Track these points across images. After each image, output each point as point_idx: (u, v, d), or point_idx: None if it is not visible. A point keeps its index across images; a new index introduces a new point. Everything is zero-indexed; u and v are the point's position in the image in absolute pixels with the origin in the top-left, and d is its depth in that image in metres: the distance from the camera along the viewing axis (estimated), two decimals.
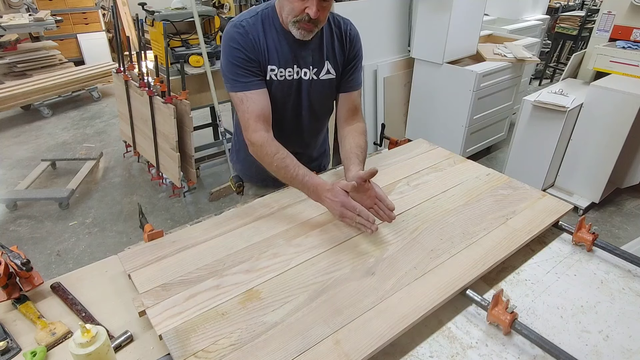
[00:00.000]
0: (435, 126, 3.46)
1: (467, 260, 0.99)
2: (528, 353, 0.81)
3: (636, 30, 2.79)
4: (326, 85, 1.33)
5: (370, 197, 1.13)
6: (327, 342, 0.79)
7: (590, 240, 1.06)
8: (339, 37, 1.30)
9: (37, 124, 4.46)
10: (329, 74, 1.31)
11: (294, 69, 1.26)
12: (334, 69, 1.31)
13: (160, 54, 3.05)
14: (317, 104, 1.35)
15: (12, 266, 0.91)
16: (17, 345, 0.83)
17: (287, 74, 1.26)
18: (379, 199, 1.12)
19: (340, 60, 1.32)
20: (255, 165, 1.28)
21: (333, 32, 1.30)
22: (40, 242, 2.72)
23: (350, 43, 1.32)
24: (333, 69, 1.31)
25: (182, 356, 0.76)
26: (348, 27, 1.33)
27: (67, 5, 5.73)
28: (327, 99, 1.38)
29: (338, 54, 1.31)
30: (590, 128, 2.77)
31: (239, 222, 1.14)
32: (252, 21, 1.22)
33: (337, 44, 1.30)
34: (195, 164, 3.06)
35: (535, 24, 4.48)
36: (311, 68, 1.28)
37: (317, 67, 1.29)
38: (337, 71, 1.32)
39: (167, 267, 0.97)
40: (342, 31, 1.31)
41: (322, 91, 1.33)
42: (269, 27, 1.22)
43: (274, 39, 1.23)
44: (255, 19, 1.22)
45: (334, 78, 1.33)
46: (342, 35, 1.31)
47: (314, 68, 1.28)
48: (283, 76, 1.26)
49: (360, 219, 1.05)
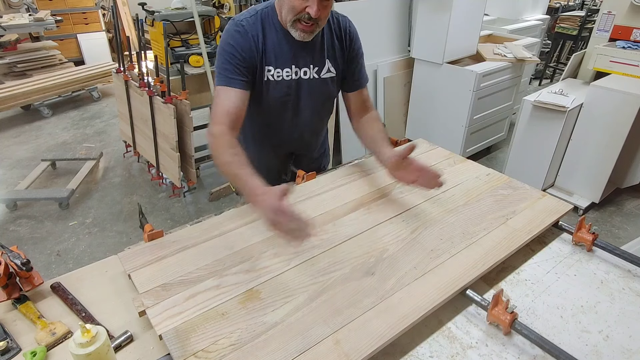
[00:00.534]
0: (435, 126, 3.46)
1: (467, 260, 0.99)
2: (528, 353, 0.81)
3: (636, 30, 2.79)
4: (327, 84, 1.33)
5: (413, 170, 1.14)
6: (327, 342, 0.79)
7: (590, 240, 1.06)
8: (338, 35, 1.31)
9: (37, 124, 4.46)
10: (330, 72, 1.31)
11: (292, 69, 1.26)
12: (334, 67, 1.31)
13: (160, 54, 3.05)
14: (318, 103, 1.35)
15: (12, 266, 0.91)
16: (17, 345, 0.83)
17: (285, 74, 1.26)
18: (423, 169, 1.13)
19: (340, 59, 1.32)
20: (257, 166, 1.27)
21: (332, 31, 1.30)
22: (40, 242, 2.72)
23: (351, 40, 1.32)
24: (333, 67, 1.31)
25: (182, 356, 0.76)
26: (347, 24, 1.33)
27: (67, 5, 5.73)
28: (328, 98, 1.39)
29: (338, 52, 1.31)
30: (590, 128, 2.77)
31: (239, 222, 1.14)
32: (252, 20, 1.22)
33: (337, 42, 1.30)
34: (195, 164, 3.06)
35: (535, 24, 4.48)
36: (312, 67, 1.28)
37: (318, 66, 1.29)
38: (337, 69, 1.32)
39: (167, 267, 0.97)
40: (341, 29, 1.31)
41: (324, 90, 1.33)
42: (268, 26, 1.22)
43: (273, 39, 1.23)
44: (255, 18, 1.22)
45: (335, 76, 1.33)
46: (341, 33, 1.31)
47: (314, 67, 1.28)
48: (280, 76, 1.26)
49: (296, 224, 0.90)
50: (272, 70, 1.24)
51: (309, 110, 1.35)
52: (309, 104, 1.33)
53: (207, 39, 3.25)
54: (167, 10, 3.20)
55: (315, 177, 1.36)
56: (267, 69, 1.24)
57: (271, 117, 1.34)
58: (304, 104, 1.33)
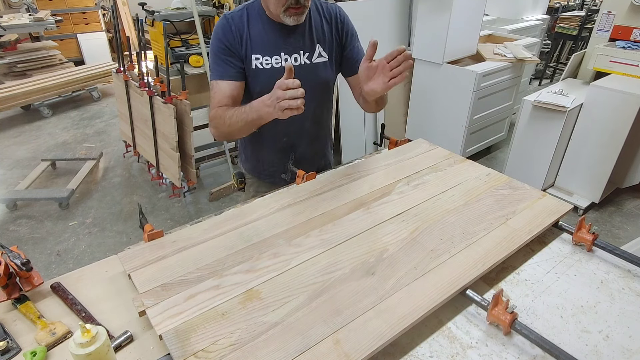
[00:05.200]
0: (435, 126, 3.47)
1: (467, 260, 0.99)
2: (528, 353, 0.81)
3: (636, 30, 2.79)
4: (320, 69, 1.34)
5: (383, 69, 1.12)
6: (327, 342, 0.79)
7: (590, 240, 1.06)
8: (328, 19, 1.34)
9: (37, 124, 4.46)
10: (322, 57, 1.33)
11: (282, 56, 1.29)
12: (326, 52, 1.34)
13: (160, 54, 3.05)
14: (312, 89, 1.35)
15: (12, 266, 0.91)
16: (17, 345, 0.83)
17: (274, 61, 1.29)
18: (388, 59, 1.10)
19: (333, 43, 1.35)
20: (262, 160, 1.33)
21: (321, 16, 1.34)
22: (40, 242, 2.73)
23: (342, 23, 1.36)
24: (325, 52, 1.34)
25: (182, 356, 0.76)
26: (336, 9, 1.37)
27: (67, 5, 5.74)
28: (322, 83, 1.39)
29: (328, 36, 1.34)
30: (590, 128, 2.77)
31: (239, 222, 1.14)
32: (239, 14, 1.29)
33: (328, 28, 1.34)
34: (195, 164, 3.06)
35: (535, 24, 4.48)
36: (302, 53, 1.31)
37: (308, 52, 1.31)
38: (330, 54, 1.35)
39: (167, 267, 0.97)
40: (330, 14, 1.35)
41: (317, 75, 1.35)
42: (253, 17, 1.28)
43: (258, 29, 1.28)
44: (242, 12, 1.29)
45: (327, 61, 1.35)
46: (332, 19, 1.35)
47: (305, 52, 1.31)
48: (269, 64, 1.29)
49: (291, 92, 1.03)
50: (260, 58, 1.28)
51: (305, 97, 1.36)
52: (305, 90, 1.34)
53: (207, 39, 3.25)
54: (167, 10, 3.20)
55: (315, 177, 1.36)
56: (254, 57, 1.28)
57: None
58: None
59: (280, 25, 1.27)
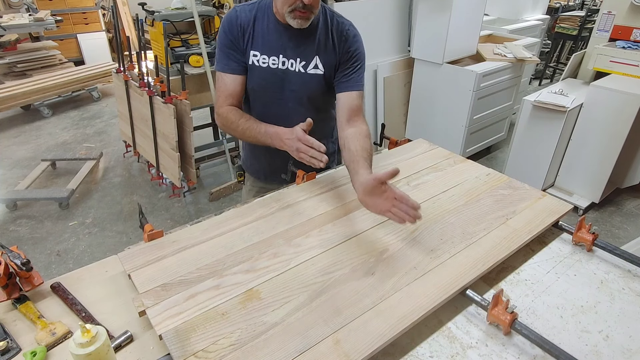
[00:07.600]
0: (435, 126, 3.47)
1: (467, 260, 0.99)
2: (528, 353, 0.81)
3: (636, 30, 2.79)
4: (314, 80, 1.32)
5: (388, 198, 1.00)
6: (327, 342, 0.79)
7: (590, 240, 1.06)
8: (334, 35, 1.31)
9: (37, 124, 4.46)
10: (317, 69, 1.31)
11: (280, 58, 1.29)
12: (323, 65, 1.31)
13: (160, 54, 3.05)
14: (306, 98, 1.35)
15: (12, 266, 0.91)
16: (17, 345, 0.83)
17: (271, 62, 1.30)
18: (400, 199, 0.99)
19: (332, 59, 1.32)
20: (262, 160, 1.36)
21: (329, 30, 1.31)
22: (40, 242, 2.72)
23: (346, 42, 1.32)
24: (322, 65, 1.31)
25: (182, 356, 0.76)
26: (347, 27, 1.33)
27: (67, 5, 5.73)
28: (312, 94, 1.36)
29: (330, 51, 1.31)
30: (590, 128, 2.77)
31: (239, 222, 1.14)
32: (249, 8, 1.30)
33: (331, 43, 1.31)
34: (195, 164, 3.06)
35: (535, 24, 4.48)
36: (298, 60, 1.30)
37: (305, 60, 1.30)
38: (327, 68, 1.32)
39: (167, 267, 0.97)
40: (339, 31, 1.32)
41: (311, 86, 1.33)
42: (262, 14, 1.29)
43: (263, 26, 1.28)
44: (252, 7, 1.30)
45: (322, 74, 1.32)
46: (338, 35, 1.32)
47: (301, 61, 1.30)
48: (266, 63, 1.30)
49: (313, 152, 1.11)
50: (257, 56, 1.30)
51: (297, 103, 1.35)
52: (292, 96, 1.34)
53: (207, 39, 3.25)
54: (167, 10, 3.20)
55: (315, 177, 1.36)
56: (252, 53, 1.29)
57: (257, 103, 1.38)
58: (290, 95, 1.34)
59: (285, 28, 1.26)
